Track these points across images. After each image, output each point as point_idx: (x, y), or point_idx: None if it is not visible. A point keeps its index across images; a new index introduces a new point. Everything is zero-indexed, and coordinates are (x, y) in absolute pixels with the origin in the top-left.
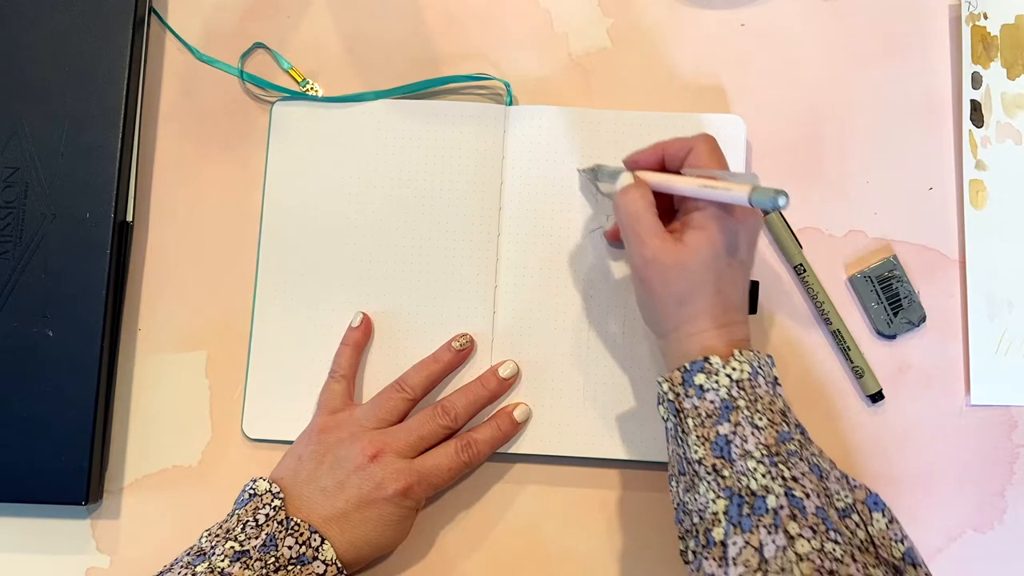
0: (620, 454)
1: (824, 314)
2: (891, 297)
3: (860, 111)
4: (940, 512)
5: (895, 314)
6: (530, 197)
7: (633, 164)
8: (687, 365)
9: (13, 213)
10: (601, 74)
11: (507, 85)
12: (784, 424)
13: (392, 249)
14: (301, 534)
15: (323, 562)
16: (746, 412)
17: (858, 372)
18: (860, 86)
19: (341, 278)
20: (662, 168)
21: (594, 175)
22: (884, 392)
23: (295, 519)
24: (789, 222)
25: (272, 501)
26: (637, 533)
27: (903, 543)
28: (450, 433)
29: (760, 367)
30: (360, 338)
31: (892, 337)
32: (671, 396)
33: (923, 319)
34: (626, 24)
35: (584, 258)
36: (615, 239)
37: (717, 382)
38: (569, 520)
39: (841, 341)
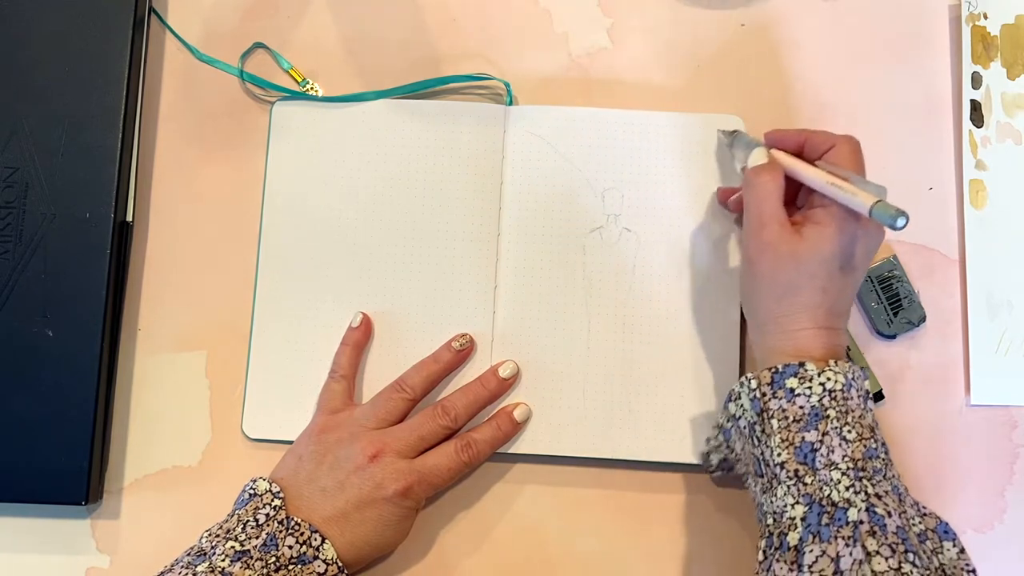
0: (620, 454)
1: None
2: (891, 297)
3: (860, 111)
4: (940, 512)
5: (895, 314)
6: (530, 197)
7: (772, 141)
8: (779, 367)
9: (13, 213)
10: (601, 74)
11: (507, 85)
12: (872, 440)
13: (392, 249)
14: (301, 534)
15: (324, 561)
16: (836, 423)
17: None
18: (860, 86)
19: (341, 278)
20: (799, 154)
21: (731, 140)
22: (884, 392)
23: (295, 519)
24: None
25: (272, 501)
26: (637, 533)
27: (973, 575)
28: (450, 433)
29: (854, 379)
30: (360, 338)
31: (892, 337)
32: (758, 394)
33: (923, 319)
34: (626, 24)
35: (584, 258)
36: (726, 200)
37: (810, 389)
38: (569, 520)
39: None
